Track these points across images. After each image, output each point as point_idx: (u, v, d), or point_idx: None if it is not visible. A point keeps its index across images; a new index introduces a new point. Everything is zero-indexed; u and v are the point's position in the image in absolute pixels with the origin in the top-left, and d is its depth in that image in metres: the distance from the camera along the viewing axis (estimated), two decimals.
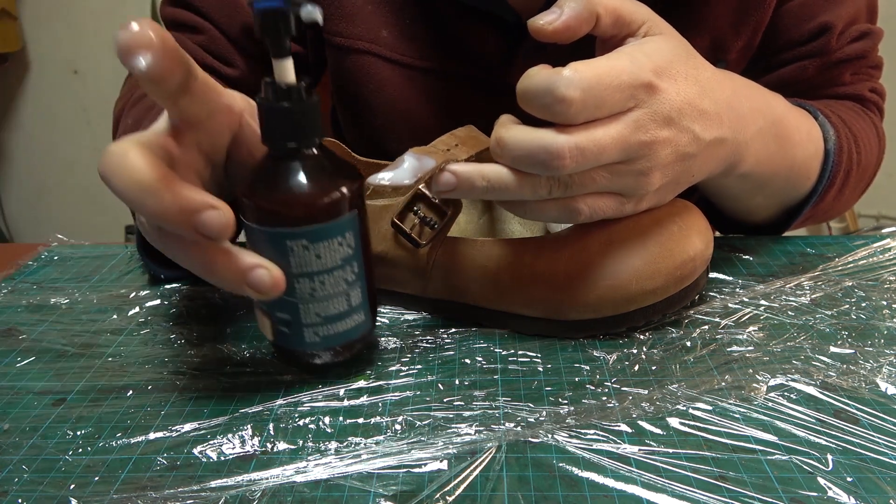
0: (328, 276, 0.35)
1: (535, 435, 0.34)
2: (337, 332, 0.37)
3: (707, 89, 0.38)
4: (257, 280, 0.32)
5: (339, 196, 0.34)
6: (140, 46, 0.28)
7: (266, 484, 0.31)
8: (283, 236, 0.34)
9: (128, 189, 0.29)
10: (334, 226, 0.34)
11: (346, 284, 0.36)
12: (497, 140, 0.36)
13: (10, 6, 1.73)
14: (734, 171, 0.43)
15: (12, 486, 0.31)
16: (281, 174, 0.34)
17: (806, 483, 0.31)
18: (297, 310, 0.35)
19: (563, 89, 0.33)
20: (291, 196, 0.34)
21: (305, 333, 0.36)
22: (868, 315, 0.43)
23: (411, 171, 0.36)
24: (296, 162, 0.34)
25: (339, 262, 0.35)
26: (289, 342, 0.37)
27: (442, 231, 0.42)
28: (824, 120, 0.51)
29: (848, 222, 1.71)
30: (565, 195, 0.37)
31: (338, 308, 0.36)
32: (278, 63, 0.32)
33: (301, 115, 0.33)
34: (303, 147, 0.34)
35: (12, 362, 0.41)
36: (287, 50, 0.32)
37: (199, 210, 0.30)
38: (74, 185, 1.96)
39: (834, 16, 0.54)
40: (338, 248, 0.35)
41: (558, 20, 0.36)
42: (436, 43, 0.54)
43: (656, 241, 0.40)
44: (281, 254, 0.34)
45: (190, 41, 0.58)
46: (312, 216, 0.34)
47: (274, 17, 0.31)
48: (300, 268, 0.34)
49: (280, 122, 0.33)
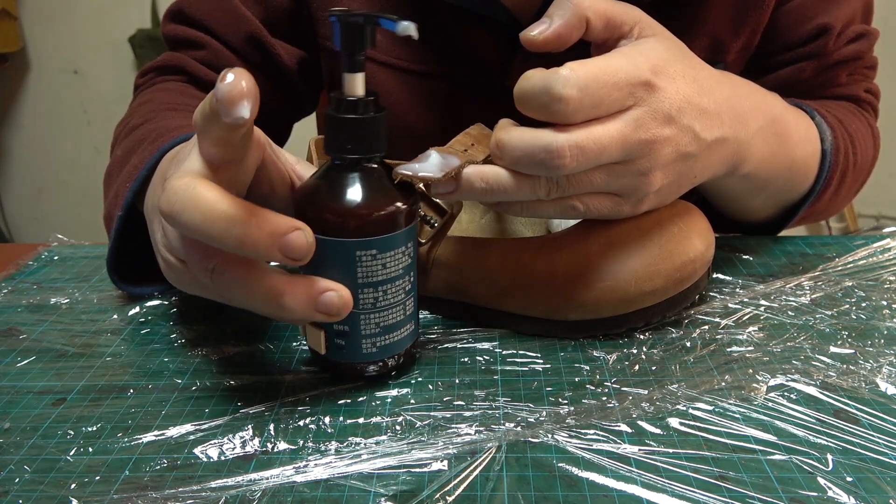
0: (391, 285, 0.35)
1: (535, 435, 0.34)
2: (392, 341, 0.37)
3: (706, 88, 0.38)
4: (328, 304, 0.32)
5: (406, 205, 0.35)
6: (244, 97, 0.28)
7: (266, 484, 0.31)
8: (354, 246, 0.34)
9: (209, 221, 0.29)
10: (401, 235, 0.35)
11: (404, 294, 0.36)
12: (497, 142, 0.36)
13: (10, 6, 1.73)
14: (737, 171, 0.43)
15: (13, 485, 0.31)
16: (348, 185, 0.34)
17: (806, 483, 0.31)
18: (357, 321, 0.35)
19: (560, 88, 0.33)
20: (365, 205, 0.34)
21: (363, 345, 0.36)
22: (868, 315, 0.43)
23: (438, 166, 0.36)
24: (359, 173, 0.34)
25: (400, 272, 0.36)
26: (343, 355, 0.37)
27: (442, 230, 0.42)
28: (821, 120, 0.52)
29: (848, 222, 1.71)
30: (563, 196, 0.37)
31: (396, 317, 0.36)
32: (350, 77, 0.33)
33: (367, 128, 0.34)
34: (366, 159, 0.35)
35: (12, 362, 0.41)
36: (361, 64, 0.33)
37: (287, 232, 0.29)
38: (74, 185, 1.96)
39: (832, 17, 0.54)
40: (401, 257, 0.35)
41: (548, 30, 0.36)
42: (432, 47, 0.54)
43: (656, 243, 0.40)
44: (348, 265, 0.34)
45: (192, 59, 0.57)
46: (385, 225, 0.34)
47: (352, 31, 0.32)
48: (366, 278, 0.34)
49: (347, 134, 0.34)
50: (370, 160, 0.35)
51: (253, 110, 0.28)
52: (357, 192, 0.34)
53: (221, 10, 0.56)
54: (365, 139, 0.34)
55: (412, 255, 0.36)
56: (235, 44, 0.56)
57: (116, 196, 0.45)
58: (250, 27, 0.56)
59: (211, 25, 0.56)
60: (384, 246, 0.34)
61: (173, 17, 0.59)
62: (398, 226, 0.35)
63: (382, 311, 0.36)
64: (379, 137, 0.34)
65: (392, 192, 0.35)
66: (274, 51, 0.57)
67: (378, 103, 0.34)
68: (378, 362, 0.37)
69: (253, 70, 0.57)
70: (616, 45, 0.38)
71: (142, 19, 1.75)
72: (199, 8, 0.57)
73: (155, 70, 0.60)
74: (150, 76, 0.60)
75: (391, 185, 0.35)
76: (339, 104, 0.34)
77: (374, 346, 0.36)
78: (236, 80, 0.28)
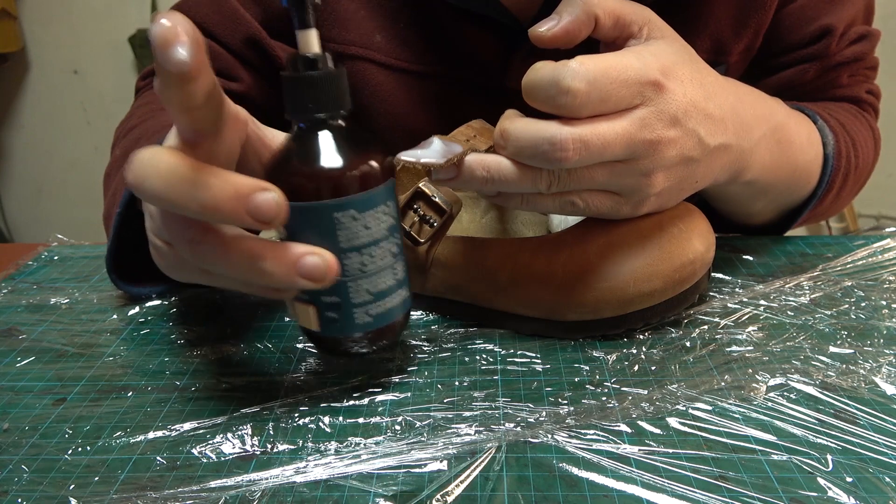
0: (376, 247, 0.34)
1: (534, 435, 0.34)
2: (387, 308, 0.35)
3: (712, 94, 0.38)
4: (310, 267, 0.30)
5: (382, 160, 0.33)
6: (177, 36, 0.26)
7: (266, 484, 0.31)
8: (330, 209, 0.32)
9: (171, 186, 0.28)
10: (380, 193, 0.33)
11: (391, 256, 0.35)
12: (501, 131, 0.36)
13: (10, 6, 1.73)
14: (739, 178, 0.43)
15: (13, 485, 0.31)
16: (316, 146, 0.33)
17: (806, 483, 0.31)
18: (346, 290, 0.34)
19: (569, 80, 0.33)
20: (338, 165, 0.32)
21: (356, 314, 0.34)
22: (867, 315, 0.43)
23: (441, 152, 0.36)
24: (327, 133, 0.33)
25: (385, 232, 0.34)
26: (336, 329, 0.35)
27: (441, 229, 0.42)
28: (823, 124, 0.52)
29: (848, 222, 1.71)
30: (563, 191, 0.37)
31: (387, 282, 0.35)
32: (302, 34, 0.32)
33: (329, 84, 0.32)
34: (334, 116, 0.33)
35: (12, 362, 0.41)
36: (311, 21, 0.32)
37: (252, 192, 0.28)
38: (74, 185, 1.95)
39: (835, 18, 0.54)
40: (383, 216, 0.34)
41: (557, 26, 0.36)
42: (431, 47, 0.54)
43: (656, 244, 0.40)
44: (327, 230, 0.32)
45: None
46: (361, 183, 0.32)
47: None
48: (349, 241, 0.33)
49: (308, 92, 0.32)
50: (335, 117, 0.33)
51: (193, 53, 0.26)
52: (328, 153, 0.33)
53: (220, 13, 0.56)
54: (328, 95, 0.32)
55: (394, 215, 0.35)
56: (234, 46, 0.56)
57: (115, 194, 0.45)
58: (249, 29, 0.56)
59: (209, 27, 0.56)
60: (363, 205, 0.33)
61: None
62: (375, 182, 0.33)
63: (371, 276, 0.34)
64: (342, 92, 0.33)
65: (366, 148, 0.33)
66: (274, 52, 0.57)
67: (336, 60, 0.33)
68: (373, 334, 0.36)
69: (253, 72, 0.58)
70: (625, 45, 0.38)
71: (142, 19, 1.74)
72: (197, 10, 0.57)
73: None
74: (151, 79, 0.60)
75: (363, 143, 0.34)
76: (295, 63, 0.32)
77: (368, 314, 0.35)
78: (170, 22, 0.26)
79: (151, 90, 0.58)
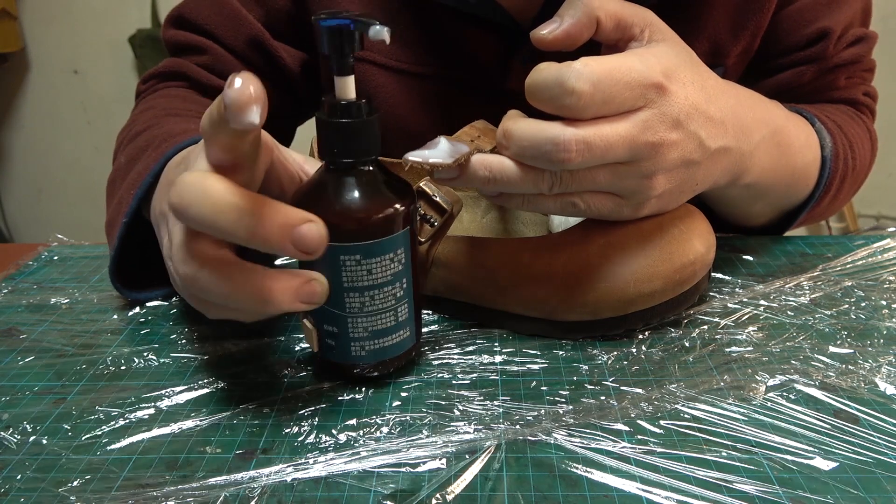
0: (378, 291, 0.35)
1: (534, 434, 0.34)
2: (383, 346, 0.37)
3: (712, 96, 0.38)
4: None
5: (394, 212, 0.34)
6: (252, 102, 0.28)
7: (266, 482, 0.31)
8: (337, 251, 0.34)
9: (220, 213, 0.28)
10: (388, 242, 0.34)
11: (394, 300, 0.36)
12: (504, 131, 0.36)
13: (10, 6, 1.73)
14: (738, 181, 0.43)
15: (13, 485, 0.31)
16: (337, 189, 0.34)
17: (806, 483, 0.31)
18: (345, 323, 0.36)
19: (573, 81, 0.33)
20: (347, 210, 0.34)
21: (353, 347, 0.36)
22: (867, 315, 0.43)
23: (448, 152, 0.36)
24: (351, 177, 0.34)
25: (389, 278, 0.35)
26: (334, 355, 0.37)
27: (442, 229, 0.42)
28: (821, 127, 0.52)
29: (848, 222, 1.71)
30: (565, 192, 0.37)
31: (385, 323, 0.36)
32: (340, 80, 0.33)
33: (359, 132, 0.33)
34: (359, 163, 0.34)
35: (12, 362, 0.41)
36: (350, 68, 0.33)
37: (299, 223, 0.29)
38: (74, 185, 1.95)
39: (832, 21, 0.54)
40: (389, 264, 0.35)
41: (559, 28, 0.36)
42: (431, 48, 0.54)
43: (656, 244, 0.40)
44: (333, 268, 0.34)
45: (194, 64, 0.57)
46: (367, 231, 0.34)
47: (340, 34, 0.32)
48: (351, 282, 0.35)
49: (338, 138, 0.33)
50: (363, 164, 0.34)
51: (262, 115, 0.28)
52: (345, 197, 0.34)
53: (222, 14, 0.56)
54: (357, 143, 0.34)
55: (404, 262, 0.36)
56: (237, 48, 0.56)
57: (120, 203, 0.45)
58: (252, 30, 0.55)
59: (212, 30, 0.56)
60: (368, 252, 0.34)
61: (174, 22, 0.58)
62: (386, 231, 0.34)
63: (371, 315, 0.35)
64: (373, 139, 0.34)
65: (381, 198, 0.34)
66: (276, 53, 0.57)
67: (370, 105, 0.34)
68: (372, 365, 0.37)
69: (256, 74, 0.57)
70: (626, 47, 0.38)
71: (142, 19, 1.74)
72: (199, 12, 0.56)
73: (157, 76, 0.60)
74: (152, 83, 0.60)
75: (382, 192, 0.35)
76: (331, 109, 0.33)
77: (363, 349, 0.36)
78: (244, 85, 0.28)
79: (154, 95, 0.58)
